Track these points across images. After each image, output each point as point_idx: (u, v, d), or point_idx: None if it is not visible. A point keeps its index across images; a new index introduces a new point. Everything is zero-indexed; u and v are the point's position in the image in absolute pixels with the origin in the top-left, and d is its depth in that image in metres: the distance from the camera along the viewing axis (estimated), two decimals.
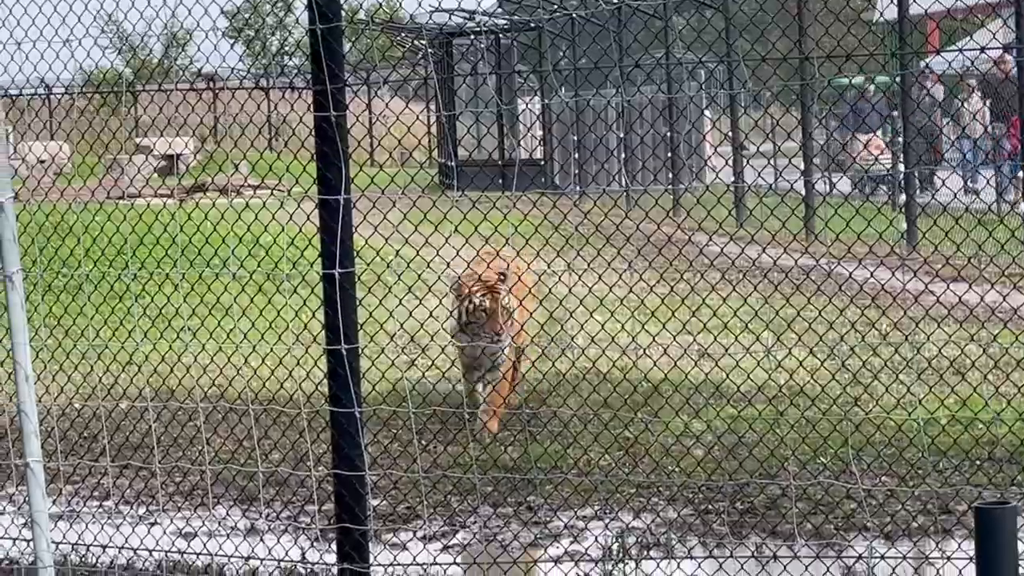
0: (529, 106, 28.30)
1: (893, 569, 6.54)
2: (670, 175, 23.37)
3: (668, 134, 24.21)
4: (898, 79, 20.84)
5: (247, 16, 58.37)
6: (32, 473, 4.82)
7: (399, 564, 6.84)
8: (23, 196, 8.57)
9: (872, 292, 7.78)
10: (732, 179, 17.41)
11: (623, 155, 25.75)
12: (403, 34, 30.31)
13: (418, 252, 7.41)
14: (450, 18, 27.03)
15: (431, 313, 7.75)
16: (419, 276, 7.39)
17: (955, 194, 7.07)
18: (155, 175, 24.66)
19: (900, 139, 20.93)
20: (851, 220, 6.96)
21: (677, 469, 8.14)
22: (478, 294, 8.78)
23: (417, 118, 6.95)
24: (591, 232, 8.19)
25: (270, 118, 25.52)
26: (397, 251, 7.46)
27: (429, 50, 29.78)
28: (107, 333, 9.31)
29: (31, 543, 7.06)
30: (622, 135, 25.53)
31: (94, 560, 7.20)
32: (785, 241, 7.16)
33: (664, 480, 7.86)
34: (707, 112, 31.19)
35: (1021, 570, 3.13)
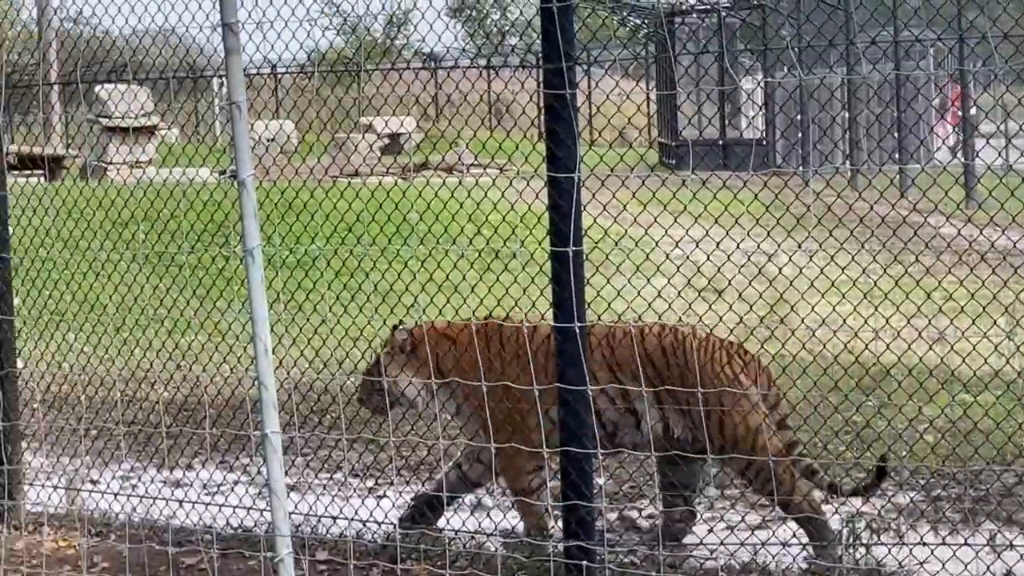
0: (759, 86, 27.98)
1: None
2: (896, 156, 22.89)
3: (896, 114, 23.71)
4: None
5: None
6: (270, 444, 4.87)
7: None
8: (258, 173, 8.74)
9: None
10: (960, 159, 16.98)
11: (850, 135, 25.31)
12: (626, 13, 30.27)
13: (647, 231, 7.36)
14: None
15: (659, 293, 7.69)
16: (647, 255, 7.33)
17: None
18: (374, 153, 25.01)
19: None
20: None
21: (908, 454, 7.97)
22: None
23: (627, 97, 6.89)
24: (823, 213, 8.04)
25: (497, 98, 25.64)
26: (626, 230, 7.43)
27: (650, 30, 29.64)
28: (338, 309, 9.45)
29: (264, 513, 7.22)
30: (847, 115, 25.08)
31: (324, 531, 7.31)
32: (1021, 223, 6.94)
33: (896, 465, 7.69)
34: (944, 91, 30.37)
35: None
